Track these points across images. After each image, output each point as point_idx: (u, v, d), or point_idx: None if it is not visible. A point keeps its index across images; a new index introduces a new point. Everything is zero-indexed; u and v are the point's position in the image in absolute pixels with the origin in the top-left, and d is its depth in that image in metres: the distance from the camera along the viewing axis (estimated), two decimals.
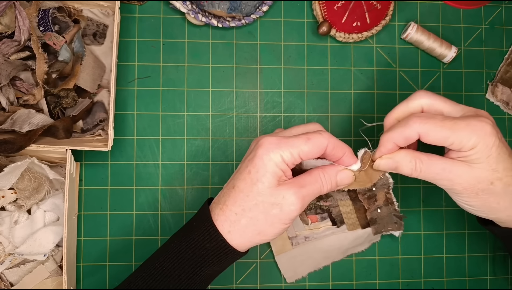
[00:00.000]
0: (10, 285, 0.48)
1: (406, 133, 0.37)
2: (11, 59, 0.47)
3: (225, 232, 0.37)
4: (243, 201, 0.37)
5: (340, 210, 0.51)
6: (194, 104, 0.53)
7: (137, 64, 0.53)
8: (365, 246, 0.54)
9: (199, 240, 0.38)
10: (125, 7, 0.53)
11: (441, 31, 0.57)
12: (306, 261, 0.52)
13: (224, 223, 0.37)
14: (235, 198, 0.37)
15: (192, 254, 0.38)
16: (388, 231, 0.52)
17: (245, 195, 0.36)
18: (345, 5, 0.53)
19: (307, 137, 0.36)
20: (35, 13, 0.48)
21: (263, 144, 0.36)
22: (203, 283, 0.40)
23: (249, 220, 0.37)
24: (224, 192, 0.39)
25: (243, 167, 0.38)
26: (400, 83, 0.56)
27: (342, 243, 0.52)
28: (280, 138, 0.36)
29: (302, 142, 0.36)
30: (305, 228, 0.52)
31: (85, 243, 0.51)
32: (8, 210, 0.48)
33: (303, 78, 0.55)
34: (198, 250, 0.38)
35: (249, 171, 0.36)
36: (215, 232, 0.37)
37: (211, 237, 0.37)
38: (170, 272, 0.38)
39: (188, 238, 0.38)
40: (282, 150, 0.36)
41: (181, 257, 0.38)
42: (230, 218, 0.37)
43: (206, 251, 0.38)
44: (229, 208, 0.37)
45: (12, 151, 0.44)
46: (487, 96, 0.57)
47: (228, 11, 0.52)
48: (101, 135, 0.50)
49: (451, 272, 0.56)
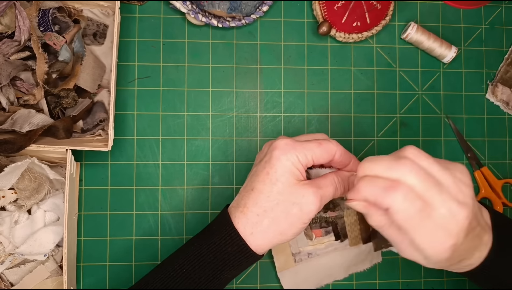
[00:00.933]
0: (11, 285, 0.48)
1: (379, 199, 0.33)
2: (11, 59, 0.47)
3: (247, 234, 0.37)
4: (264, 202, 0.37)
5: (344, 222, 0.51)
6: (194, 104, 0.53)
7: (137, 64, 0.53)
8: (367, 265, 0.54)
9: (220, 244, 0.38)
10: (125, 7, 0.53)
11: (441, 31, 0.57)
12: (309, 278, 0.52)
13: (246, 225, 0.38)
14: (256, 200, 0.37)
15: (213, 257, 0.38)
16: (388, 247, 0.52)
17: (266, 196, 0.37)
18: (345, 5, 0.53)
19: (319, 142, 0.38)
20: (35, 13, 0.48)
21: (279, 146, 0.38)
22: (221, 286, 0.40)
23: (271, 220, 0.37)
24: (243, 195, 0.39)
25: (259, 169, 0.38)
26: (400, 83, 0.56)
27: (345, 259, 0.52)
28: (294, 140, 0.38)
29: (315, 146, 0.38)
30: (309, 244, 0.52)
31: (85, 243, 0.51)
32: (8, 210, 0.48)
33: (303, 78, 0.55)
34: (219, 254, 0.38)
35: (267, 172, 0.37)
36: (237, 236, 0.38)
37: (232, 241, 0.38)
38: (190, 274, 0.38)
39: (209, 242, 0.39)
40: (298, 151, 0.37)
41: (202, 260, 0.38)
42: (252, 220, 0.37)
43: (227, 255, 0.38)
44: (250, 210, 0.38)
45: (12, 151, 0.44)
46: (487, 96, 0.57)
47: (228, 11, 0.52)
48: (101, 135, 0.50)
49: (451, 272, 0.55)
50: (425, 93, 0.56)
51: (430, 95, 0.56)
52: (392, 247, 0.52)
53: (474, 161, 0.56)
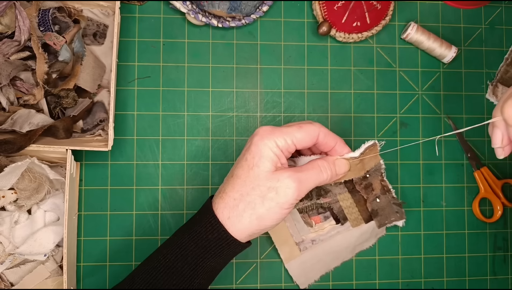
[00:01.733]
0: (11, 285, 0.48)
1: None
2: (11, 59, 0.47)
3: (224, 219, 0.38)
4: (240, 187, 0.38)
5: (340, 205, 0.51)
6: (194, 104, 0.53)
7: (137, 64, 0.53)
8: (372, 241, 0.54)
9: (201, 232, 0.39)
10: (125, 7, 0.53)
11: (441, 31, 0.57)
12: (317, 264, 0.52)
13: (223, 210, 0.38)
14: (233, 185, 0.38)
15: (194, 246, 0.39)
16: (392, 223, 0.52)
17: (243, 180, 0.38)
18: (345, 5, 0.53)
19: (299, 125, 0.39)
20: (35, 13, 0.48)
21: (258, 132, 0.39)
22: (206, 276, 0.40)
23: (247, 204, 0.38)
24: (224, 182, 0.40)
25: (240, 156, 0.40)
26: (400, 83, 0.56)
27: (349, 241, 0.52)
28: (274, 126, 0.39)
29: (295, 129, 0.39)
30: (310, 231, 0.52)
31: (85, 243, 0.51)
32: (8, 210, 0.48)
33: (303, 78, 0.55)
34: (200, 241, 0.38)
35: (246, 158, 0.38)
36: (216, 223, 0.38)
37: (212, 227, 0.38)
38: (173, 264, 0.39)
39: (191, 231, 0.39)
40: (277, 136, 0.38)
41: (184, 249, 0.39)
42: (229, 204, 0.38)
43: (208, 242, 0.38)
44: (228, 195, 0.38)
45: (12, 151, 0.44)
46: (487, 96, 0.57)
47: (228, 11, 0.52)
48: (101, 135, 0.50)
49: (451, 272, 0.56)
50: (425, 93, 0.56)
51: (430, 95, 0.56)
52: (396, 222, 0.52)
53: (474, 161, 0.56)
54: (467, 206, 0.56)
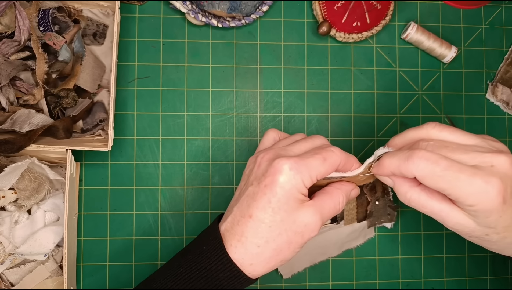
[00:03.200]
0: (11, 285, 0.48)
1: (402, 170, 0.34)
2: (11, 59, 0.47)
3: (245, 265, 0.35)
4: (265, 233, 0.34)
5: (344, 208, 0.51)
6: (194, 104, 0.53)
7: (137, 64, 0.53)
8: (360, 241, 0.54)
9: (211, 270, 0.35)
10: (125, 7, 0.53)
11: (441, 31, 0.57)
12: (303, 257, 0.53)
13: (244, 256, 0.35)
14: (256, 230, 0.34)
15: (204, 283, 0.35)
16: (381, 223, 0.52)
17: (268, 226, 0.34)
18: (345, 5, 0.53)
19: (323, 158, 0.35)
20: (35, 13, 0.48)
21: (283, 170, 0.34)
22: None
23: (273, 251, 0.35)
24: (238, 219, 0.35)
25: (259, 193, 0.34)
26: (400, 83, 0.56)
27: (339, 237, 0.53)
28: (298, 161, 0.34)
29: (320, 164, 0.35)
30: None
31: (85, 243, 0.51)
32: (8, 210, 0.48)
33: (303, 78, 0.55)
34: (211, 280, 0.35)
35: (269, 200, 0.34)
36: (229, 263, 0.35)
37: (225, 267, 0.35)
38: None
39: (199, 266, 0.36)
40: (303, 174, 0.34)
41: (193, 285, 0.36)
42: (251, 251, 0.35)
43: (219, 281, 0.35)
44: (249, 241, 0.35)
45: (12, 151, 0.44)
46: (487, 96, 0.57)
47: (228, 11, 0.52)
48: (101, 135, 0.50)
49: (451, 272, 0.56)
50: (425, 93, 0.56)
51: (430, 95, 0.56)
52: (385, 223, 0.52)
53: None
54: None
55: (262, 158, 0.36)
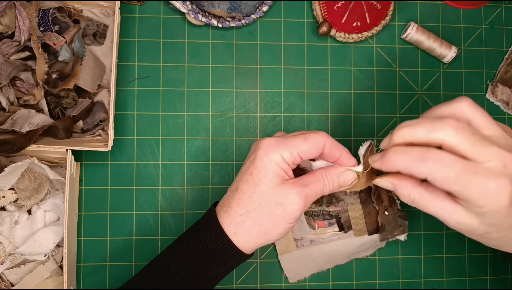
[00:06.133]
0: (11, 285, 0.48)
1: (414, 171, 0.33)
2: (11, 59, 0.47)
3: (231, 234, 0.38)
4: (247, 203, 0.37)
5: (349, 215, 0.51)
6: (194, 104, 0.53)
7: (137, 64, 0.53)
8: (370, 251, 0.54)
9: (205, 242, 0.38)
10: (125, 7, 0.53)
11: (441, 31, 0.57)
12: (310, 263, 0.52)
13: (230, 225, 0.38)
14: (239, 200, 0.38)
15: (198, 255, 0.38)
16: (394, 237, 0.52)
17: (249, 196, 0.37)
18: (345, 5, 0.53)
19: (305, 137, 0.37)
20: (35, 13, 0.48)
21: (262, 146, 0.37)
22: (208, 285, 0.40)
23: (254, 221, 0.37)
24: (228, 194, 0.39)
25: (244, 169, 0.38)
26: (400, 83, 0.56)
27: (348, 248, 0.52)
28: (279, 138, 0.37)
29: (300, 141, 0.37)
30: (312, 233, 0.52)
31: (85, 243, 0.51)
32: (8, 210, 0.48)
33: (303, 78, 0.55)
34: (204, 251, 0.38)
35: (251, 172, 0.37)
36: (222, 234, 0.38)
37: (217, 238, 0.38)
38: (176, 272, 0.38)
39: (195, 240, 0.39)
40: (282, 149, 0.37)
41: (188, 258, 0.38)
42: (235, 219, 0.38)
43: (212, 253, 0.38)
44: (234, 210, 0.38)
45: (12, 151, 0.44)
46: (487, 96, 0.57)
47: (228, 11, 0.52)
48: (101, 135, 0.50)
49: (451, 272, 0.56)
50: (425, 93, 0.56)
51: (430, 95, 0.56)
52: (400, 236, 0.52)
53: None
54: None
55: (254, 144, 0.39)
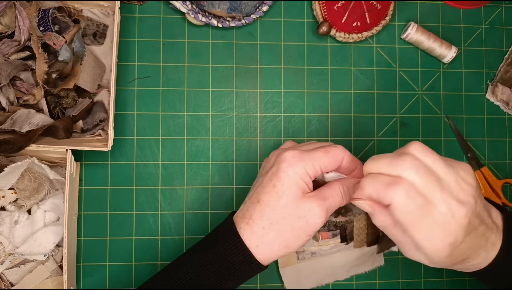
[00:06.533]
0: (11, 285, 0.48)
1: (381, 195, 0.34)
2: (11, 59, 0.47)
3: (252, 246, 0.37)
4: (270, 215, 0.37)
5: (353, 226, 0.51)
6: (194, 104, 0.53)
7: (137, 64, 0.53)
8: (368, 267, 0.54)
9: (225, 253, 0.38)
10: (125, 7, 0.53)
11: (441, 31, 0.57)
12: (311, 276, 0.52)
13: (251, 237, 0.37)
14: (262, 213, 0.37)
15: (218, 266, 0.38)
16: (389, 249, 0.52)
17: (272, 209, 0.37)
18: (345, 5, 0.53)
19: (326, 150, 0.38)
20: (35, 13, 0.48)
21: (286, 158, 0.37)
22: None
23: (277, 233, 0.37)
24: (248, 205, 0.39)
25: (266, 181, 0.38)
26: (400, 83, 0.56)
27: (347, 260, 0.52)
28: (302, 152, 0.38)
29: (322, 155, 0.38)
30: (314, 244, 0.52)
31: (85, 243, 0.51)
32: (8, 210, 0.48)
33: (303, 78, 0.55)
34: (224, 263, 0.38)
35: (274, 185, 0.37)
36: (242, 246, 0.37)
37: (238, 251, 0.37)
38: (194, 282, 0.38)
39: (215, 251, 0.38)
40: (305, 163, 0.37)
41: (207, 269, 0.38)
42: (257, 232, 0.37)
43: (232, 265, 0.38)
44: (256, 223, 0.37)
45: (12, 151, 0.44)
46: (487, 96, 0.57)
47: (228, 11, 0.52)
48: (101, 135, 0.50)
49: (451, 272, 0.56)
50: (425, 93, 0.56)
51: (430, 95, 0.56)
52: (393, 247, 0.52)
53: (474, 161, 0.56)
54: None
55: (273, 154, 0.40)
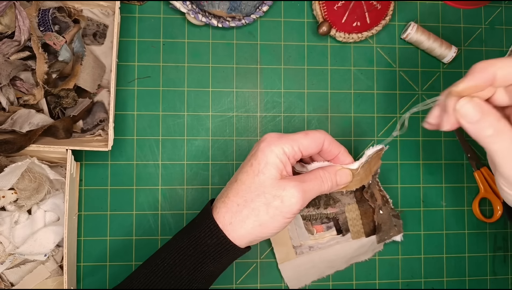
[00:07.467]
0: (11, 285, 0.48)
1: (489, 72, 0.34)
2: (11, 59, 0.47)
3: (226, 224, 0.38)
4: (245, 192, 0.38)
5: (346, 217, 0.51)
6: (194, 104, 0.53)
7: (137, 64, 0.53)
8: (369, 255, 0.54)
9: (200, 237, 0.38)
10: (125, 7, 0.53)
11: (441, 31, 0.57)
12: (310, 270, 0.52)
13: (225, 215, 0.38)
14: (237, 190, 0.38)
15: (193, 250, 0.38)
16: (391, 238, 0.52)
17: (247, 186, 0.38)
18: (345, 5, 0.53)
19: (305, 133, 0.39)
20: (35, 13, 0.48)
21: (265, 139, 0.39)
22: (204, 281, 0.40)
23: (250, 210, 0.37)
24: (227, 186, 0.40)
25: (245, 161, 0.40)
26: (400, 83, 0.56)
27: (347, 251, 0.52)
28: (281, 133, 0.39)
29: (301, 136, 0.39)
30: (310, 238, 0.52)
31: (85, 243, 0.51)
32: (8, 210, 0.48)
33: (303, 78, 0.55)
34: (199, 246, 0.38)
35: (251, 163, 0.38)
36: (216, 228, 0.38)
37: (212, 233, 0.38)
38: (171, 268, 0.39)
39: (190, 235, 0.39)
40: (283, 143, 0.38)
41: (182, 254, 0.39)
42: (232, 209, 0.38)
43: (207, 247, 0.38)
44: (231, 200, 0.38)
45: (12, 151, 0.44)
46: None
47: (228, 11, 0.52)
48: (101, 135, 0.50)
49: (451, 272, 0.56)
50: (425, 93, 0.56)
51: (430, 95, 0.56)
52: (395, 237, 0.52)
53: (474, 161, 0.56)
54: (467, 206, 0.56)
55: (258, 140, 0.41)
